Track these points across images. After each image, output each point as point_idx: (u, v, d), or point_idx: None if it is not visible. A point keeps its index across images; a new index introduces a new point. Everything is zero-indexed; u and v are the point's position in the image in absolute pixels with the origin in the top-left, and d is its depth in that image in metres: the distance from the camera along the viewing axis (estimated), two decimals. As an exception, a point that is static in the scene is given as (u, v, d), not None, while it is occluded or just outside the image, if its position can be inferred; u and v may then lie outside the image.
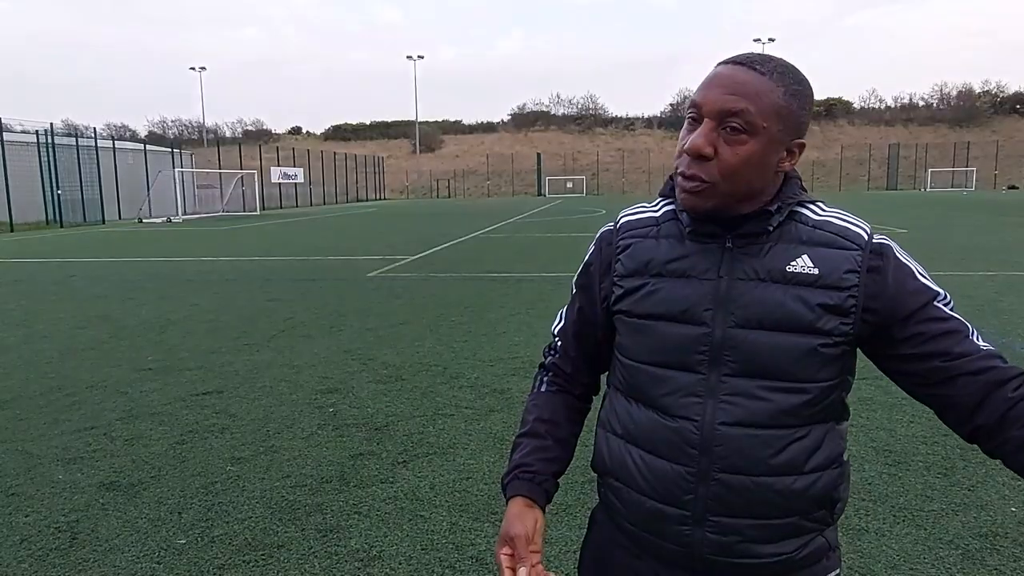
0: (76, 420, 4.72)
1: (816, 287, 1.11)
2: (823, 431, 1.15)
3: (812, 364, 1.11)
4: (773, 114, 1.08)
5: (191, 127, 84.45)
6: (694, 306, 1.14)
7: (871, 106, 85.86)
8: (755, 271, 1.13)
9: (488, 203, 48.52)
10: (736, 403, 1.12)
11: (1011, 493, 3.39)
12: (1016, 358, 5.71)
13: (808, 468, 1.14)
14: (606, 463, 1.27)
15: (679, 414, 1.15)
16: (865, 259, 1.12)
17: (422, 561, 2.93)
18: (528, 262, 12.99)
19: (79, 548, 3.07)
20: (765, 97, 1.07)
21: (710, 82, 1.10)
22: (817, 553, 1.18)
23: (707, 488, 1.14)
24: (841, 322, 1.11)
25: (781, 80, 1.09)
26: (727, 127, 1.07)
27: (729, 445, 1.12)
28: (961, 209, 28.54)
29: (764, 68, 1.09)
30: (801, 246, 1.13)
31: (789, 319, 1.11)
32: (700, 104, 1.09)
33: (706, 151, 1.08)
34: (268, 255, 15.36)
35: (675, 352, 1.16)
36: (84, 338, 7.23)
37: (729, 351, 1.13)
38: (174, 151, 42.05)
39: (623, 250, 1.23)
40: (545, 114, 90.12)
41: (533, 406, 1.37)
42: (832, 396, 1.15)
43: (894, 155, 65.24)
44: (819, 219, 1.16)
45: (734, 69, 1.09)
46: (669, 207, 1.23)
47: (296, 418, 4.68)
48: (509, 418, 4.55)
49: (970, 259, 12.10)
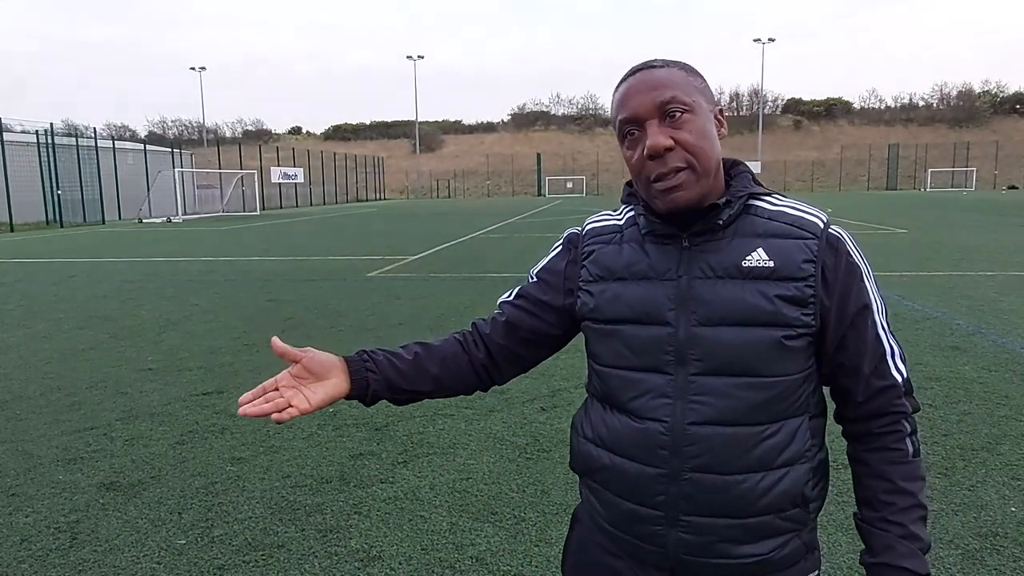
0: (76, 420, 4.72)
1: (773, 280, 1.12)
2: (795, 426, 1.16)
3: (777, 358, 1.13)
4: (692, 89, 1.15)
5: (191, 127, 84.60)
6: (657, 307, 1.16)
7: (871, 106, 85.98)
8: (712, 268, 1.15)
9: (488, 203, 48.53)
10: (705, 402, 1.13)
11: (1011, 493, 3.40)
12: (1016, 358, 5.71)
13: (777, 464, 1.15)
14: (581, 465, 1.29)
15: (648, 416, 1.16)
16: (822, 248, 1.14)
17: (422, 561, 2.93)
18: (528, 262, 12.98)
19: (79, 548, 3.07)
20: (677, 81, 1.14)
21: (630, 94, 1.15)
22: (795, 554, 1.19)
23: (679, 488, 1.15)
24: (802, 312, 1.13)
25: (676, 65, 1.17)
26: (669, 116, 1.12)
27: (700, 444, 1.13)
28: (961, 209, 28.54)
29: (658, 63, 1.17)
30: (756, 239, 1.15)
31: (750, 314, 1.12)
32: (635, 114, 1.14)
33: (668, 143, 1.11)
34: (268, 255, 15.35)
35: (643, 354, 1.17)
36: (84, 338, 7.23)
37: (694, 349, 1.14)
38: (174, 151, 42.08)
39: (587, 256, 1.26)
40: (545, 114, 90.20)
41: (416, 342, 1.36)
42: (802, 390, 1.16)
43: (894, 155, 65.23)
44: (774, 210, 1.18)
45: (639, 76, 1.16)
46: (631, 214, 1.26)
47: (296, 418, 4.68)
48: (509, 418, 4.56)
49: (970, 259, 12.10)
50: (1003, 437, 4.07)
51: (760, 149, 62.12)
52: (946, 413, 4.47)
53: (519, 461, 3.90)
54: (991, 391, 4.89)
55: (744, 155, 57.29)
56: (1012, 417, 4.39)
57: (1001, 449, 3.90)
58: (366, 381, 1.25)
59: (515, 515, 3.30)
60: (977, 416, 4.41)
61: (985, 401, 4.69)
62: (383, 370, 1.27)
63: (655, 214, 1.18)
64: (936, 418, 4.39)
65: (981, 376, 5.23)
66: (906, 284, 9.51)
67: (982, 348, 6.05)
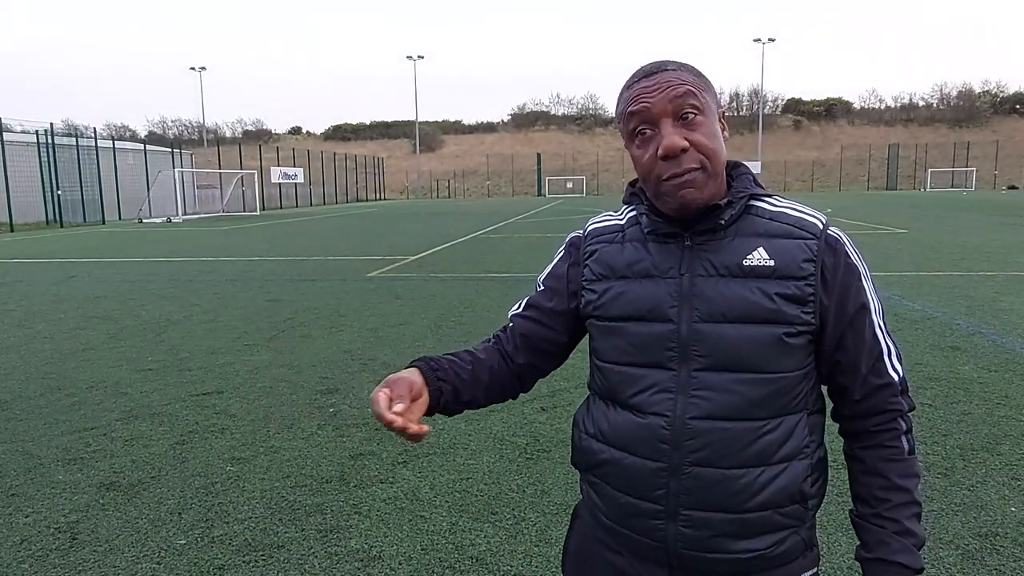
0: (76, 420, 4.72)
1: (774, 278, 1.15)
2: (794, 422, 1.17)
3: (777, 354, 1.14)
4: (704, 91, 1.17)
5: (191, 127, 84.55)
6: (660, 304, 1.18)
7: (871, 106, 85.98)
8: (714, 267, 1.17)
9: (488, 203, 48.53)
10: (706, 397, 1.15)
11: (1011, 493, 3.40)
12: (1016, 358, 5.71)
13: (775, 459, 1.16)
14: (582, 461, 1.30)
15: (651, 410, 1.18)
16: (821, 248, 1.16)
17: (422, 561, 2.93)
18: (528, 262, 12.98)
19: (79, 548, 3.07)
20: (690, 82, 1.16)
21: (643, 93, 1.16)
22: (793, 551, 1.20)
23: (678, 482, 1.16)
24: (802, 311, 1.15)
25: (685, 68, 1.19)
26: (684, 117, 1.14)
27: (700, 439, 1.15)
28: (961, 209, 28.54)
29: (671, 66, 1.18)
30: (757, 239, 1.17)
31: (751, 311, 1.14)
32: (650, 112, 1.15)
33: (684, 144, 1.13)
34: (268, 255, 15.35)
35: (646, 350, 1.19)
36: (84, 338, 7.23)
37: (696, 345, 1.16)
38: (174, 151, 42.06)
39: (590, 255, 1.28)
40: (545, 114, 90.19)
41: (464, 350, 1.33)
42: (801, 386, 1.18)
43: (894, 155, 65.23)
44: (775, 211, 1.20)
45: (653, 77, 1.17)
46: (633, 214, 1.28)
47: (296, 418, 4.69)
48: (509, 418, 4.56)
49: (970, 259, 12.10)
50: (1003, 437, 4.07)
51: (760, 149, 62.11)
52: (946, 413, 4.47)
53: (519, 461, 3.90)
54: (991, 391, 4.89)
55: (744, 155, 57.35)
56: (1012, 417, 4.39)
57: (1001, 449, 3.91)
58: (440, 391, 1.23)
59: (515, 515, 3.30)
60: (977, 416, 4.42)
61: (985, 401, 4.69)
62: (450, 379, 1.25)
63: (658, 214, 1.20)
64: (936, 418, 4.39)
65: (981, 376, 5.23)
66: (906, 284, 9.51)
67: (982, 348, 6.05)
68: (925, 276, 10.25)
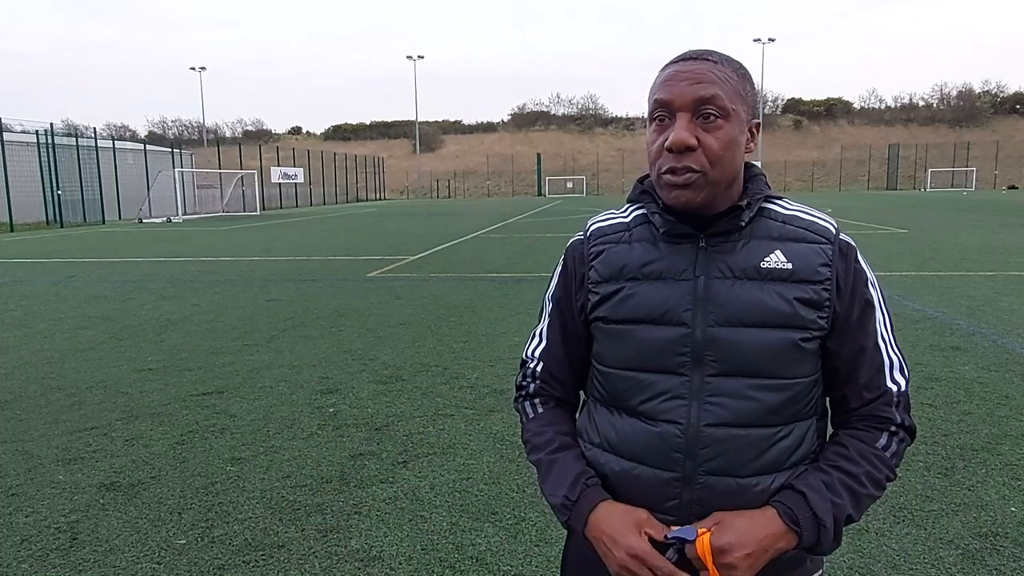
0: (76, 420, 4.72)
1: (791, 282, 1.13)
2: (805, 428, 1.16)
3: (793, 359, 1.12)
4: (737, 96, 1.11)
5: (191, 127, 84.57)
6: (674, 307, 1.14)
7: (871, 106, 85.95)
8: (730, 269, 1.14)
9: (488, 203, 48.52)
10: (721, 403, 1.12)
11: (1011, 493, 3.39)
12: (1016, 358, 5.71)
13: (787, 466, 1.15)
14: None
15: (662, 418, 1.14)
16: (835, 253, 1.15)
17: (422, 561, 2.93)
18: (528, 262, 12.98)
19: (79, 548, 3.07)
20: (728, 82, 1.11)
21: (672, 79, 1.11)
22: (800, 555, 1.18)
23: (691, 492, 1.14)
24: (818, 315, 1.13)
25: (731, 65, 1.14)
26: (703, 115, 1.09)
27: (715, 447, 1.12)
28: (961, 209, 28.54)
29: (714, 57, 1.13)
30: (773, 242, 1.15)
31: (769, 315, 1.12)
32: (670, 101, 1.10)
33: (691, 142, 1.08)
34: (268, 255, 15.35)
35: (656, 355, 1.15)
36: (84, 338, 7.23)
37: (711, 350, 1.12)
38: (174, 151, 42.06)
39: (595, 257, 1.22)
40: (545, 114, 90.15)
41: (543, 426, 1.29)
42: (814, 392, 1.17)
43: (894, 155, 65.22)
44: (788, 214, 1.18)
45: (690, 64, 1.12)
46: (639, 212, 1.23)
47: (296, 418, 4.68)
48: (509, 418, 4.55)
49: (970, 259, 12.10)
50: (1003, 437, 4.07)
51: (760, 149, 62.12)
52: (946, 413, 4.47)
53: (519, 461, 3.90)
54: (991, 391, 4.89)
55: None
56: (1012, 417, 4.39)
57: (1001, 449, 3.90)
58: None
59: (515, 515, 3.29)
60: (977, 416, 4.41)
61: (985, 401, 4.69)
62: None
63: (672, 213, 1.16)
64: (936, 418, 4.39)
65: (981, 376, 5.23)
66: (906, 284, 9.51)
67: (982, 348, 6.05)
68: (925, 276, 10.25)
